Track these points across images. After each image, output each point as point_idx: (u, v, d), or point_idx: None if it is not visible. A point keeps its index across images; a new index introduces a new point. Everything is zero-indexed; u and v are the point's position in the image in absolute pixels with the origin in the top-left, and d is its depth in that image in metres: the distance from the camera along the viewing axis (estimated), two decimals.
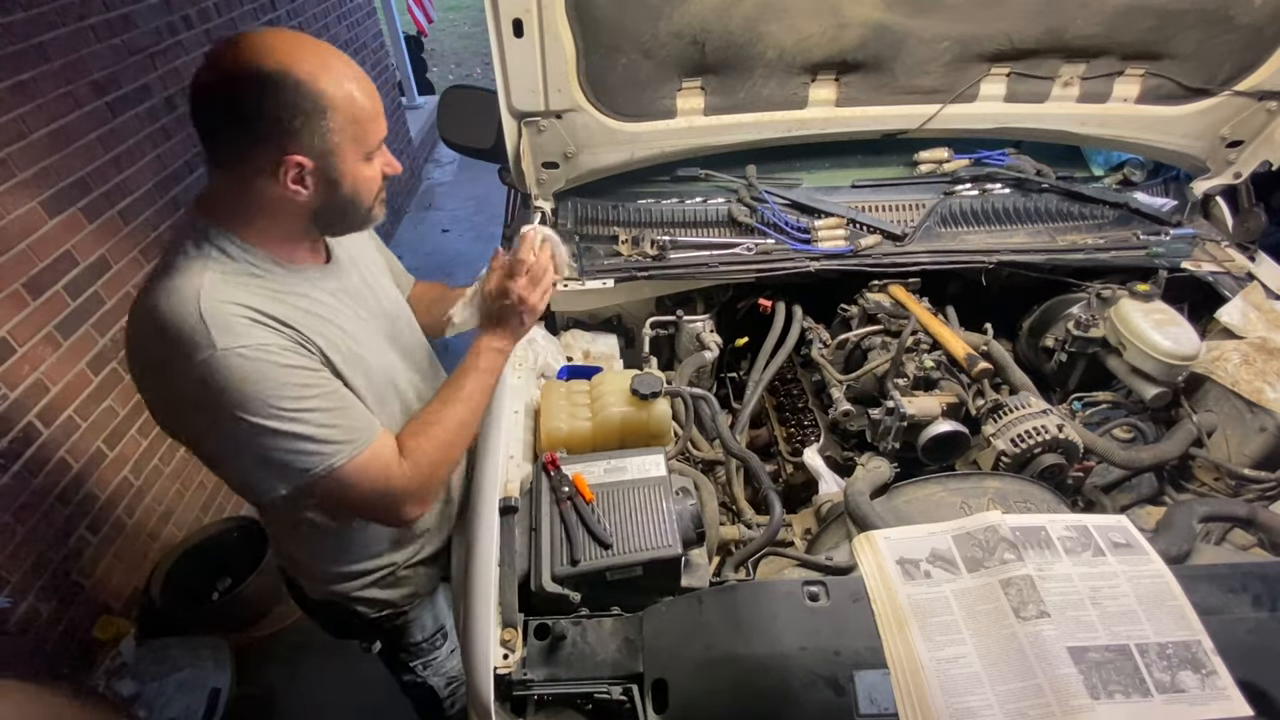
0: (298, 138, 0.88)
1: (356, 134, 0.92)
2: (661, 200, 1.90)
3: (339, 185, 0.95)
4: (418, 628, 1.42)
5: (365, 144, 0.94)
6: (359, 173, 0.96)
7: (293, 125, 0.87)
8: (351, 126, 0.91)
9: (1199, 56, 1.67)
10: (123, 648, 2.00)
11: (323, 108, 0.87)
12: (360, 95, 0.91)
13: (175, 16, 2.63)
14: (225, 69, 0.85)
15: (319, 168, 0.91)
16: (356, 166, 0.95)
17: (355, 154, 0.94)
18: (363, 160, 0.96)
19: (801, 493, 1.66)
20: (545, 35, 1.50)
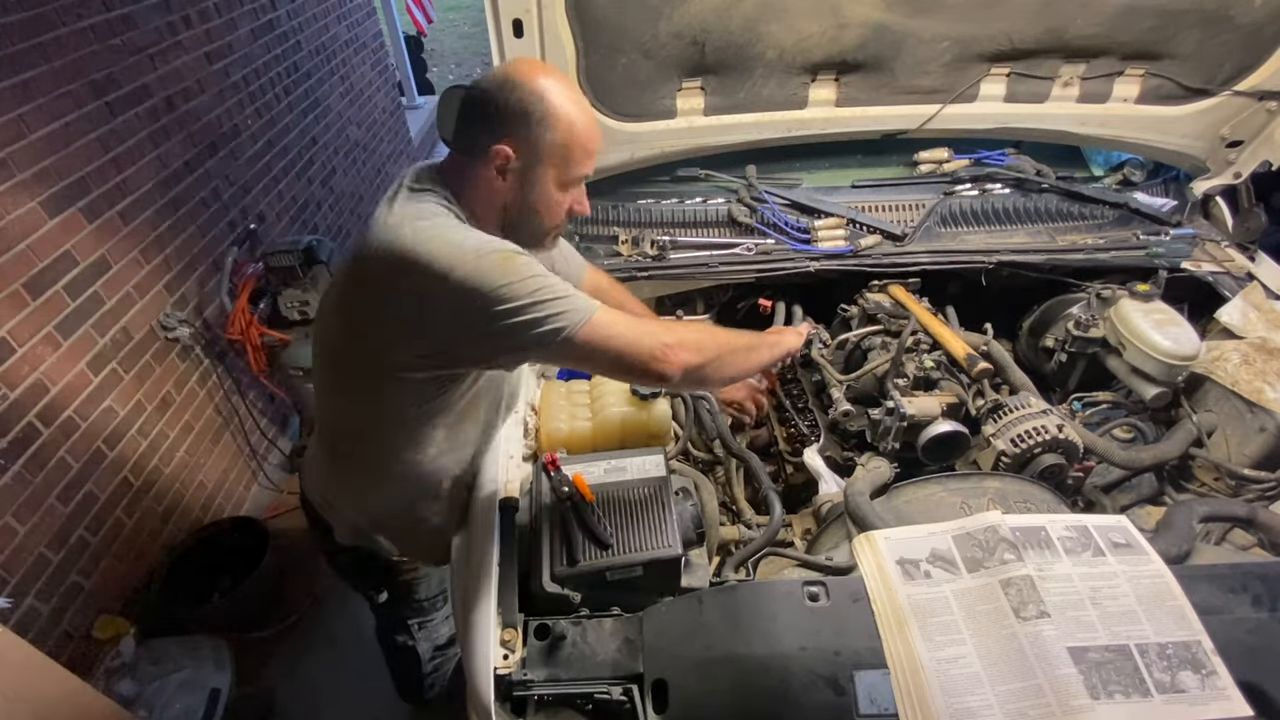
0: (516, 132, 1.01)
1: (564, 157, 1.05)
2: (661, 200, 1.90)
3: (530, 191, 1.06)
4: (424, 585, 1.47)
5: (566, 171, 1.06)
6: (550, 192, 1.07)
7: (517, 120, 1.01)
8: (562, 150, 1.04)
9: (1199, 56, 1.67)
10: (123, 648, 2.00)
11: (549, 122, 1.01)
12: (582, 132, 1.04)
13: (175, 16, 2.63)
14: (503, 75, 1.03)
15: (521, 167, 1.04)
16: (550, 185, 1.07)
17: (554, 174, 1.06)
18: (557, 183, 1.07)
19: (801, 493, 1.66)
20: (545, 35, 1.50)
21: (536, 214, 1.09)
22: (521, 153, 1.03)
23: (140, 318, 2.34)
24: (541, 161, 1.04)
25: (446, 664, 1.69)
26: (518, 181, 1.05)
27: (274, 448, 3.06)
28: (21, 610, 1.85)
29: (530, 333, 0.97)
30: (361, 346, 1.08)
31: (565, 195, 1.09)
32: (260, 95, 3.20)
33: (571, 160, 1.05)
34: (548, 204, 1.08)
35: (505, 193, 1.06)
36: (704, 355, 1.09)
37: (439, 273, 0.94)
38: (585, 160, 1.07)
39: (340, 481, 1.31)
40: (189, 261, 2.60)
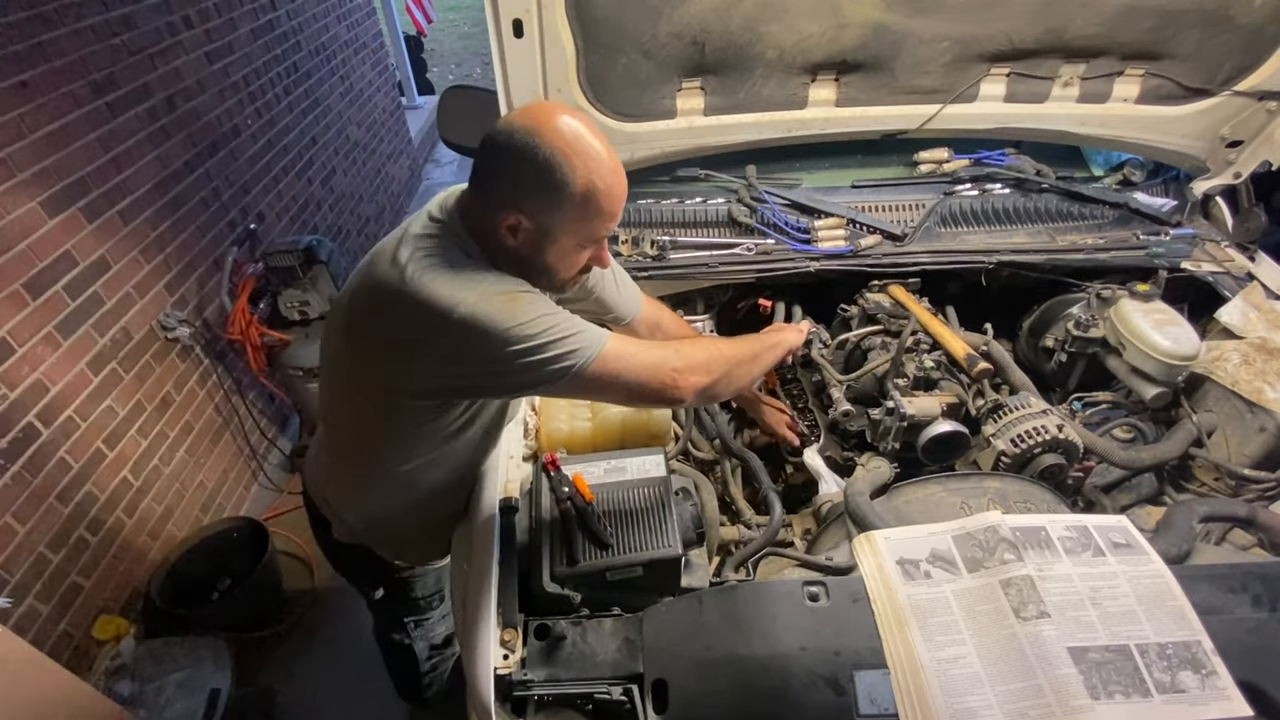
0: (531, 201, 0.98)
1: (580, 228, 1.01)
2: (661, 200, 1.90)
3: (544, 252, 1.03)
4: (420, 584, 1.47)
5: (582, 237, 1.03)
6: (566, 253, 1.05)
7: (531, 187, 0.97)
8: (578, 221, 1.00)
9: (1199, 56, 1.67)
10: (122, 648, 2.00)
11: (565, 196, 0.96)
12: (603, 196, 0.98)
13: (175, 16, 2.62)
14: (509, 131, 0.97)
15: (535, 230, 1.00)
16: (566, 248, 1.04)
17: (571, 240, 1.03)
18: (575, 245, 1.04)
19: (801, 493, 1.66)
20: (545, 35, 1.50)
21: (552, 271, 1.07)
22: (536, 220, 1.00)
23: (140, 318, 2.34)
24: (555, 229, 1.01)
25: (444, 663, 1.69)
26: (531, 241, 1.02)
27: (274, 448, 3.06)
28: (21, 610, 1.85)
29: (542, 370, 0.97)
30: (364, 369, 1.09)
31: (583, 253, 1.07)
32: (260, 95, 3.20)
33: (590, 225, 1.02)
34: (564, 263, 1.06)
35: (517, 249, 1.04)
36: (713, 374, 1.09)
37: (444, 313, 0.94)
38: (606, 222, 1.03)
39: (339, 482, 1.31)
40: (189, 261, 2.60)
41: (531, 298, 1.00)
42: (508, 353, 0.95)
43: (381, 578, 1.45)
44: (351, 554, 1.38)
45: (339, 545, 1.37)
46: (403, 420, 1.11)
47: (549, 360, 0.97)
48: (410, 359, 1.01)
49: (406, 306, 0.96)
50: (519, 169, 0.96)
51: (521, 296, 0.99)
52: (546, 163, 0.94)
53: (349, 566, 1.48)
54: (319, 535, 1.41)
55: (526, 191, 0.97)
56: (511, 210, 0.99)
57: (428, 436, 1.14)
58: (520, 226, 1.00)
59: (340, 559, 1.46)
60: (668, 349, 1.07)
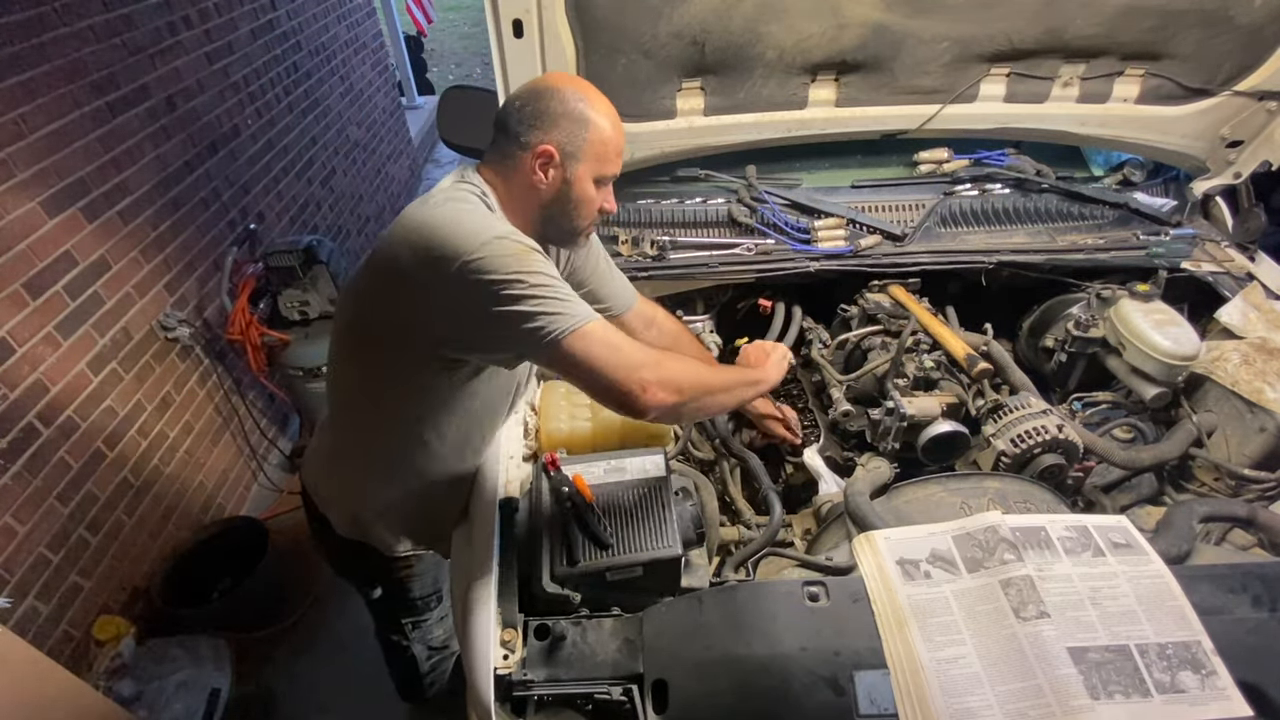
0: (558, 133, 1.09)
1: (600, 155, 1.12)
2: (661, 200, 1.90)
3: (570, 187, 1.12)
4: (418, 583, 1.47)
5: (602, 168, 1.14)
6: (586, 187, 1.14)
7: (559, 123, 1.09)
8: (599, 147, 1.12)
9: (1199, 56, 1.67)
10: (123, 648, 2.00)
11: (586, 122, 1.10)
12: (613, 135, 1.13)
13: (175, 16, 2.62)
14: (547, 83, 1.13)
15: (561, 164, 1.10)
16: (587, 182, 1.13)
17: (591, 170, 1.13)
18: (593, 180, 1.14)
19: (801, 493, 1.66)
20: (545, 35, 1.50)
21: (573, 209, 1.15)
22: (564, 150, 1.10)
23: (140, 318, 2.34)
24: (581, 159, 1.11)
25: (444, 663, 1.69)
26: (559, 177, 1.11)
27: (274, 448, 3.06)
28: (21, 610, 1.85)
29: (523, 325, 0.98)
30: (375, 318, 1.12)
31: (598, 192, 1.16)
32: (260, 95, 3.20)
33: (607, 159, 1.13)
34: (585, 199, 1.14)
35: (545, 189, 1.12)
36: (683, 396, 1.08)
37: (455, 250, 0.97)
38: (617, 159, 1.16)
39: (343, 470, 1.32)
40: (189, 261, 2.60)
41: (540, 258, 1.03)
42: (503, 295, 0.97)
43: (379, 576, 1.45)
44: (349, 551, 1.38)
45: (337, 542, 1.37)
46: (404, 377, 1.14)
47: (535, 315, 0.98)
48: (419, 300, 1.03)
49: (428, 241, 1.00)
50: (549, 107, 1.09)
51: (532, 253, 1.02)
52: (572, 99, 1.10)
53: (347, 564, 1.48)
54: (317, 533, 1.41)
55: (555, 122, 1.09)
56: (543, 141, 1.09)
57: (429, 398, 1.17)
58: (552, 160, 1.09)
59: (338, 556, 1.46)
60: (650, 356, 1.05)
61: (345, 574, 1.52)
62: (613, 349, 1.01)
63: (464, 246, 0.97)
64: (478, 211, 1.06)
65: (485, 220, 1.04)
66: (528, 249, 1.01)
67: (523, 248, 1.01)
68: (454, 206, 1.05)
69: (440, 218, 1.02)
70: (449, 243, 0.98)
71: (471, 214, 1.05)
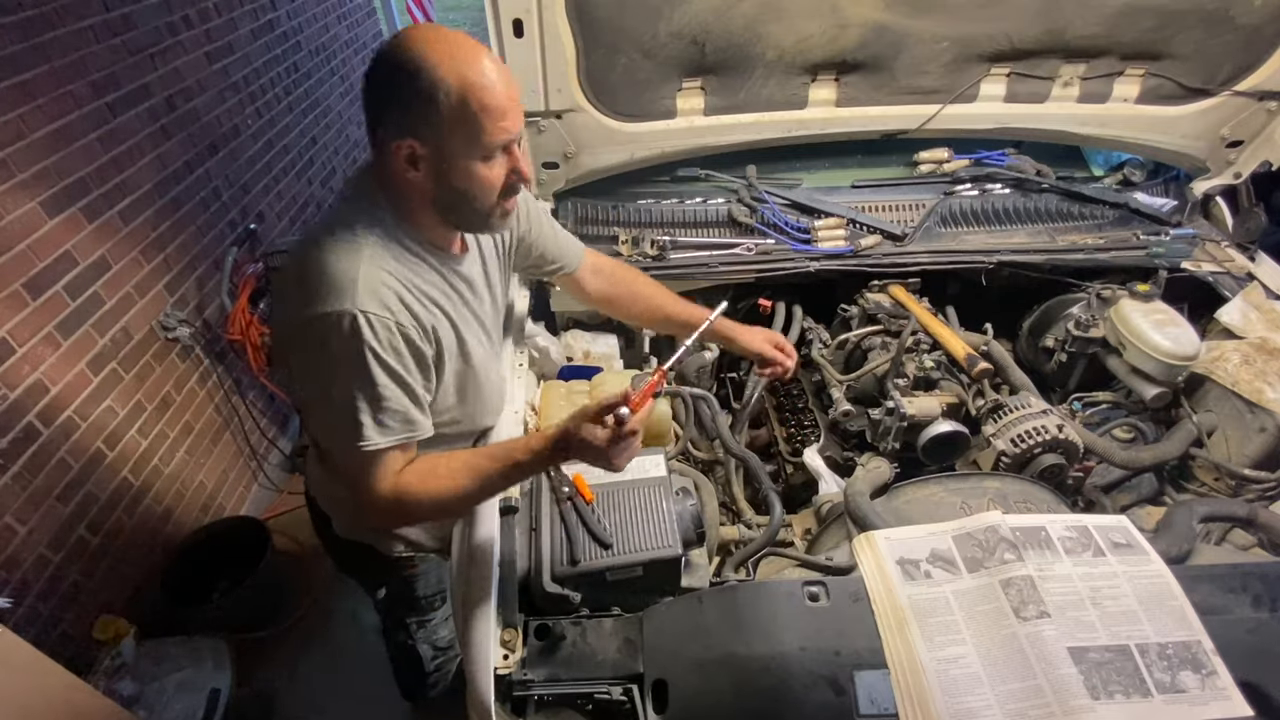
0: (411, 120, 0.92)
1: (471, 130, 0.92)
2: (661, 200, 1.90)
3: (448, 176, 0.96)
4: (423, 583, 1.46)
5: (479, 141, 0.93)
6: (472, 170, 0.96)
7: (407, 107, 0.91)
8: (465, 123, 0.91)
9: (1199, 56, 1.67)
10: (123, 648, 2.00)
11: (434, 93, 0.89)
12: (484, 94, 0.90)
13: (175, 16, 2.62)
14: (377, 56, 0.93)
15: (430, 153, 0.94)
16: (470, 163, 0.95)
17: (468, 148, 0.94)
18: (478, 159, 0.95)
19: (801, 493, 1.66)
20: (545, 35, 1.50)
21: (466, 196, 0.99)
22: (424, 138, 0.92)
23: (140, 318, 2.34)
24: (447, 140, 0.92)
25: (449, 664, 1.68)
26: (431, 168, 0.96)
27: (274, 448, 3.05)
28: (21, 610, 1.85)
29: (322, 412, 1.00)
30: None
31: (491, 168, 0.97)
32: (260, 95, 3.20)
33: (482, 129, 0.92)
34: (474, 182, 0.97)
35: (425, 183, 0.97)
36: (413, 518, 1.14)
37: (304, 300, 0.94)
38: (499, 122, 0.93)
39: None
40: (189, 261, 2.59)
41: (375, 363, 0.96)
42: (322, 375, 0.97)
43: (383, 576, 1.44)
44: (353, 551, 1.38)
45: (341, 542, 1.37)
46: None
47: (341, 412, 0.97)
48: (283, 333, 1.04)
49: (296, 271, 0.98)
50: (391, 91, 0.91)
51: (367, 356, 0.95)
52: (413, 72, 0.89)
53: (351, 564, 1.47)
54: (321, 531, 1.42)
55: (406, 111, 0.91)
56: (399, 137, 0.92)
57: None
58: (416, 154, 0.94)
59: (342, 556, 1.46)
60: (392, 501, 1.02)
61: (349, 573, 1.52)
62: (372, 481, 1.01)
63: (313, 302, 0.93)
64: (346, 258, 0.96)
65: (347, 274, 0.94)
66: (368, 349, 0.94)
67: (362, 348, 0.94)
68: (328, 247, 0.96)
69: (308, 260, 0.96)
70: (301, 291, 0.95)
71: (338, 262, 0.95)
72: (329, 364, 0.96)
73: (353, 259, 0.96)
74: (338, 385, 0.97)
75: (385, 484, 1.02)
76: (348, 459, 1.01)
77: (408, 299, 1.01)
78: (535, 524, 1.12)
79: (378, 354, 0.96)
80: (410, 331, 1.00)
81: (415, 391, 1.03)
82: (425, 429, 1.06)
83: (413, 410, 1.03)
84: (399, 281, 1.00)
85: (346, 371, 0.96)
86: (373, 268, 0.97)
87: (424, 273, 1.06)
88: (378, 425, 0.98)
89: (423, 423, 1.05)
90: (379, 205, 1.02)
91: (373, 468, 1.01)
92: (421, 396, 1.05)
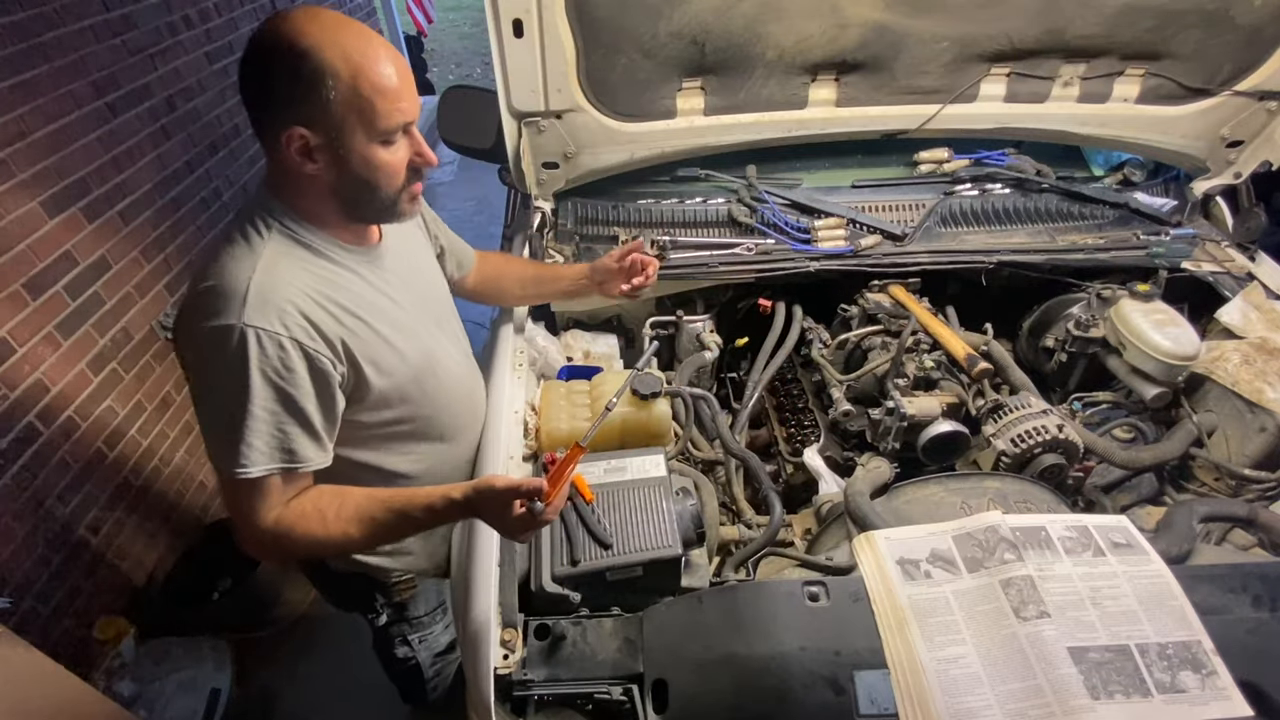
0: (300, 108, 0.87)
1: (363, 110, 0.88)
2: (661, 200, 1.90)
3: (347, 164, 0.92)
4: (422, 600, 1.45)
5: (375, 124, 0.90)
6: (372, 155, 0.92)
7: (294, 95, 0.86)
8: (356, 101, 0.87)
9: (1199, 56, 1.67)
10: (123, 648, 2.00)
11: (322, 77, 0.85)
12: (372, 71, 0.87)
13: (175, 16, 2.63)
14: (251, 44, 0.87)
15: (325, 142, 0.89)
16: (368, 148, 0.91)
17: (364, 133, 0.90)
18: (377, 143, 0.92)
19: (801, 493, 1.66)
20: (545, 35, 1.50)
21: (370, 184, 0.95)
22: (315, 126, 0.87)
23: (140, 318, 2.34)
24: (341, 126, 0.88)
25: (448, 668, 1.68)
26: (329, 158, 0.91)
27: None
28: (22, 610, 1.85)
29: (205, 430, 0.95)
30: None
31: (393, 152, 0.94)
32: None
33: (375, 109, 0.88)
34: (376, 169, 0.93)
35: (324, 175, 0.93)
36: (291, 557, 1.10)
37: (193, 309, 0.91)
38: (395, 104, 0.90)
39: None
40: (189, 261, 2.60)
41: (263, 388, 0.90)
42: (201, 396, 0.94)
43: (381, 603, 1.41)
44: (350, 583, 1.35)
45: (335, 576, 1.34)
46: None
47: (223, 439, 0.92)
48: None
49: (194, 281, 0.95)
50: (273, 79, 0.86)
51: (255, 377, 0.90)
52: (297, 57, 0.84)
53: (349, 597, 1.43)
54: (313, 570, 1.38)
55: (292, 98, 0.86)
56: (288, 127, 0.87)
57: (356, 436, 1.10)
58: (309, 144, 0.89)
59: (339, 591, 1.43)
60: (269, 532, 0.97)
61: (347, 606, 1.47)
62: (248, 507, 0.95)
63: (201, 315, 0.89)
64: (237, 268, 0.91)
65: (235, 286, 0.89)
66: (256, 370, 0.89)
67: (248, 369, 0.89)
68: (222, 256, 0.93)
69: (202, 270, 0.94)
70: (191, 302, 0.92)
71: (228, 272, 0.91)
72: (213, 381, 0.91)
73: (244, 268, 0.90)
74: (219, 404, 0.91)
75: (263, 516, 0.96)
76: (225, 484, 0.95)
77: (312, 311, 0.94)
78: None
79: (265, 374, 0.90)
80: (310, 348, 0.93)
81: (307, 417, 0.95)
82: (314, 459, 0.98)
83: (300, 438, 0.95)
84: (301, 292, 0.93)
85: (229, 390, 0.89)
86: (267, 277, 0.91)
87: (336, 277, 1.00)
88: (256, 451, 0.91)
89: (311, 453, 0.97)
90: (276, 208, 0.96)
91: (250, 498, 0.95)
92: (316, 423, 0.97)
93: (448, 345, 1.24)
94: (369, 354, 1.02)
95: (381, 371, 1.05)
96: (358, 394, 1.04)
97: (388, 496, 1.00)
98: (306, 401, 0.95)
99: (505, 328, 1.61)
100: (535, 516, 0.92)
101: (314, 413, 0.96)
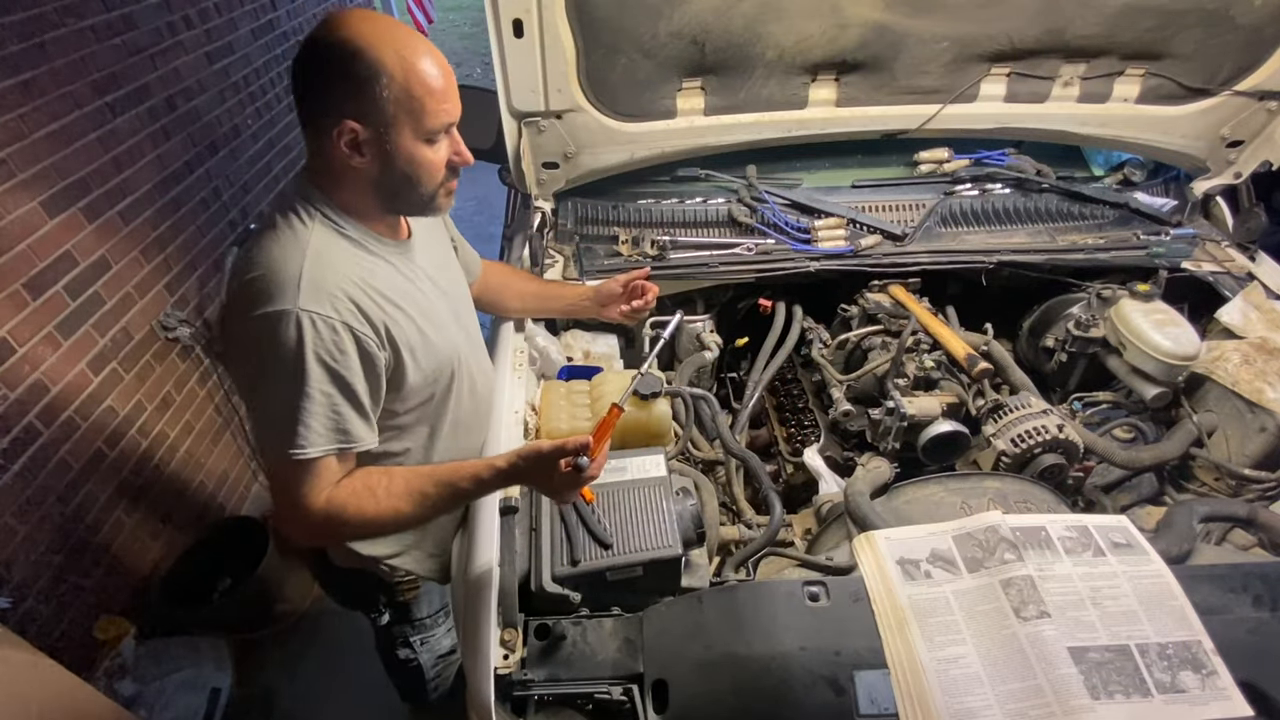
0: (353, 103, 0.91)
1: (412, 109, 0.93)
2: (661, 200, 1.90)
3: (393, 159, 0.96)
4: (425, 602, 1.45)
5: (422, 123, 0.94)
6: (417, 152, 0.97)
7: (348, 90, 0.90)
8: (407, 102, 0.92)
9: (1199, 56, 1.67)
10: (123, 648, 2.00)
11: (377, 75, 0.89)
12: (423, 73, 0.92)
13: (175, 16, 2.62)
14: (308, 40, 0.92)
15: (373, 137, 0.93)
16: (414, 145, 0.96)
17: (411, 131, 0.95)
18: (422, 141, 0.96)
19: (801, 493, 1.66)
20: (545, 35, 1.50)
21: (412, 180, 0.99)
22: (367, 120, 0.92)
23: (140, 318, 2.34)
24: (391, 122, 0.93)
25: (449, 669, 1.68)
26: (376, 152, 0.95)
27: None
28: (22, 610, 1.85)
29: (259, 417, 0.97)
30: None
31: (436, 150, 0.99)
32: (260, 95, 3.20)
33: (424, 109, 0.94)
34: (419, 165, 0.98)
35: (369, 169, 0.97)
36: (340, 538, 1.11)
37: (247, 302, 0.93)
38: (439, 103, 0.95)
39: None
40: (189, 261, 2.60)
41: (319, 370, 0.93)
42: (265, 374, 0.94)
43: (383, 602, 1.42)
44: (354, 580, 1.35)
45: (339, 572, 1.34)
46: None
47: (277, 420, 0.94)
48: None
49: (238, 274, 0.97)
50: (328, 75, 0.91)
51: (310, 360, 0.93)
52: (352, 55, 0.89)
53: (353, 595, 1.44)
54: (317, 566, 1.38)
55: (346, 94, 0.91)
56: (339, 120, 0.91)
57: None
58: (358, 137, 0.93)
59: (342, 588, 1.43)
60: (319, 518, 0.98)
61: (350, 604, 1.48)
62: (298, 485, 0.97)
63: (255, 303, 0.91)
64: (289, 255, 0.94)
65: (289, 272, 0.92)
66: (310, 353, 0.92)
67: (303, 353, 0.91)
68: (269, 244, 0.96)
69: (250, 258, 0.95)
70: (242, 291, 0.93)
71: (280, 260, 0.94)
72: (267, 366, 0.93)
73: (293, 256, 0.94)
74: (275, 388, 0.94)
75: (317, 497, 0.98)
76: (279, 467, 0.97)
77: (359, 298, 0.97)
78: (535, 524, 1.12)
79: (320, 357, 0.93)
80: (359, 333, 0.96)
81: (359, 399, 0.99)
82: (366, 439, 1.02)
83: (353, 419, 0.99)
84: (348, 279, 0.97)
85: (285, 374, 0.92)
86: (318, 265, 0.94)
87: (375, 267, 1.03)
88: (313, 432, 0.94)
89: (364, 433, 1.01)
90: (316, 197, 1.00)
91: (305, 478, 0.97)
92: (366, 404, 1.00)
93: (468, 341, 1.27)
94: (408, 341, 1.06)
95: (416, 360, 1.08)
96: (395, 380, 1.07)
97: (432, 471, 1.04)
98: (358, 383, 0.98)
99: (505, 327, 1.61)
100: (581, 472, 0.95)
101: (364, 394, 1.00)
